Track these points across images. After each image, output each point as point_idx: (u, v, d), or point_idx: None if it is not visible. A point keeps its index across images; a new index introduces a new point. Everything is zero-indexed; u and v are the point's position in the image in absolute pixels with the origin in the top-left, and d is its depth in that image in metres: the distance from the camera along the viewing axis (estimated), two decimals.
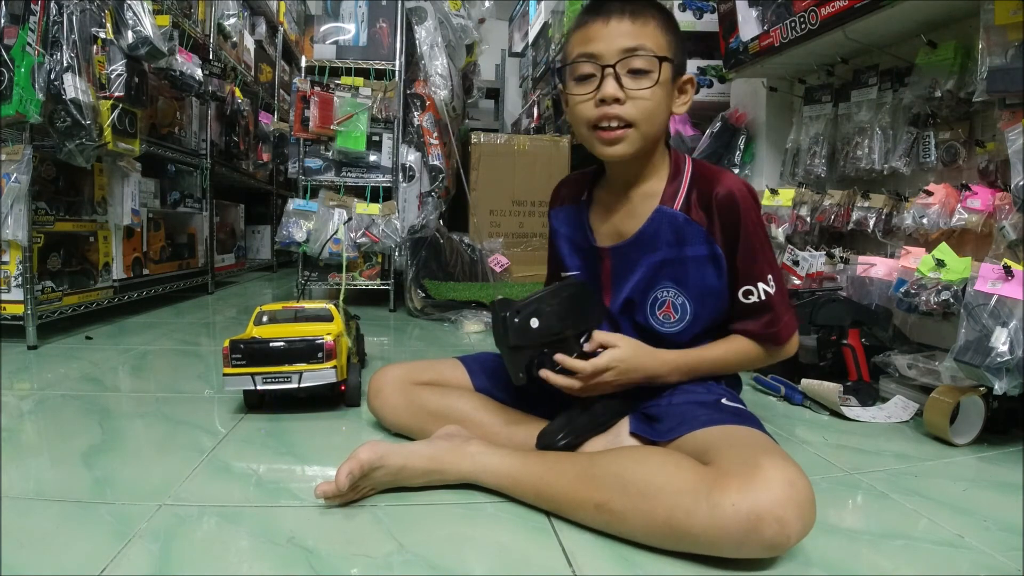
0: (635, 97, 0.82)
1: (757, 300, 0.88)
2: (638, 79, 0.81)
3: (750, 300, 0.88)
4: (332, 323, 1.29)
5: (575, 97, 0.85)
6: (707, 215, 0.88)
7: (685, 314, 0.90)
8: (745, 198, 0.86)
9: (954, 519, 0.82)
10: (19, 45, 1.61)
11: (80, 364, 1.58)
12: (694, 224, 0.88)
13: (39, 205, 1.80)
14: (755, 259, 0.87)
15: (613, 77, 0.81)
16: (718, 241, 0.87)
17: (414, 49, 2.73)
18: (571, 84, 0.85)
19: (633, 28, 0.81)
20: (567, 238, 1.00)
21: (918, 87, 1.41)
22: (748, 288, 0.88)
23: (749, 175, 1.99)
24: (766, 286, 0.87)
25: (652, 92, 0.82)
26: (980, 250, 1.27)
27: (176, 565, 0.68)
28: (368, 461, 0.80)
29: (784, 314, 0.90)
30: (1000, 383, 1.01)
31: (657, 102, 0.83)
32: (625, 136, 0.84)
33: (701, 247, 0.88)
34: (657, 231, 0.89)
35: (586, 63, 0.82)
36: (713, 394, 0.89)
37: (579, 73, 0.83)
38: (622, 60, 0.80)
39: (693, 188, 0.89)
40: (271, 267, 4.30)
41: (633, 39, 0.81)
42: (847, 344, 1.35)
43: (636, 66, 0.81)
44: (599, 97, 0.81)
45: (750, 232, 0.86)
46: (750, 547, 0.64)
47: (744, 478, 0.64)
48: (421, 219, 2.65)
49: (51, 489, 0.86)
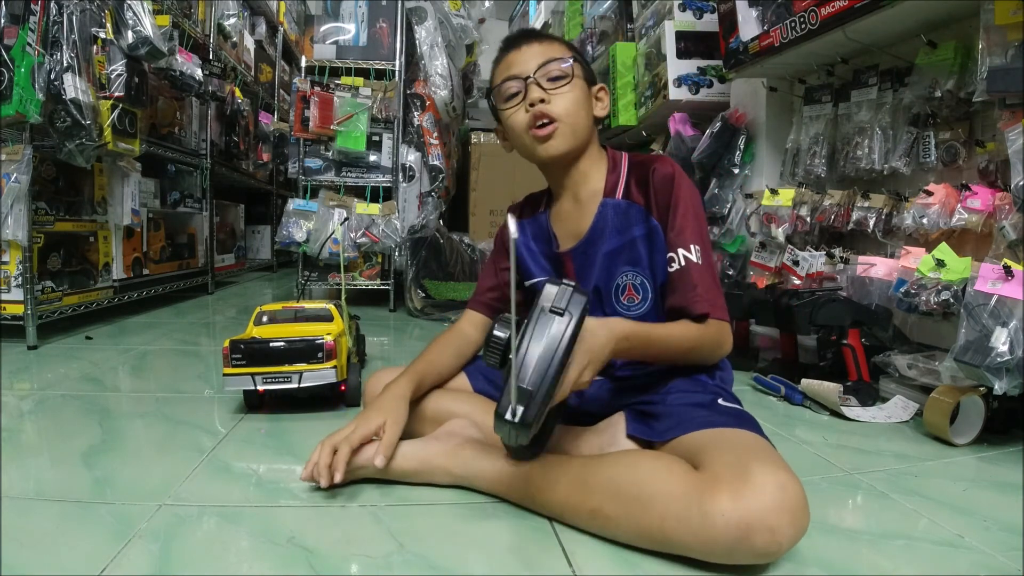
0: (557, 95, 0.93)
1: (677, 267, 0.90)
2: (555, 83, 0.93)
3: (672, 268, 0.91)
4: (332, 323, 1.29)
5: (507, 112, 0.96)
6: (644, 193, 0.94)
7: (647, 293, 0.94)
8: (680, 174, 0.94)
9: (954, 519, 0.82)
10: (19, 45, 1.61)
11: (80, 364, 1.58)
12: (635, 205, 0.95)
13: (39, 205, 1.80)
14: (682, 229, 0.91)
15: (535, 84, 0.93)
16: (654, 215, 0.93)
17: (414, 49, 2.73)
18: (502, 104, 0.97)
19: (542, 47, 0.95)
20: (530, 250, 1.04)
21: (918, 87, 1.41)
22: (671, 255, 0.91)
23: (749, 175, 1.99)
24: (687, 253, 0.90)
25: (570, 88, 0.93)
26: (980, 250, 1.26)
27: (176, 565, 0.68)
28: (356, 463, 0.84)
29: (705, 290, 0.88)
30: (1000, 383, 1.01)
31: (576, 97, 0.94)
32: (556, 130, 0.93)
33: (641, 225, 0.94)
34: (605, 222, 0.95)
35: (511, 83, 0.95)
36: (710, 393, 0.89)
37: (507, 93, 0.96)
38: (539, 70, 0.93)
39: (631, 175, 0.97)
40: (271, 267, 4.31)
41: (544, 54, 0.94)
42: (847, 344, 1.35)
43: (552, 74, 0.93)
44: (527, 102, 0.93)
45: (680, 202, 0.91)
46: (741, 555, 0.65)
47: (735, 485, 0.64)
48: (421, 219, 2.65)
49: (51, 489, 0.86)
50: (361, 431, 0.85)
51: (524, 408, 0.68)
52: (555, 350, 0.69)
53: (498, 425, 0.70)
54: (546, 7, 4.21)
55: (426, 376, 0.99)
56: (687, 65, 2.20)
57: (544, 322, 0.70)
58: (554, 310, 0.71)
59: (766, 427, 0.84)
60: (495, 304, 1.07)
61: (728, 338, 0.92)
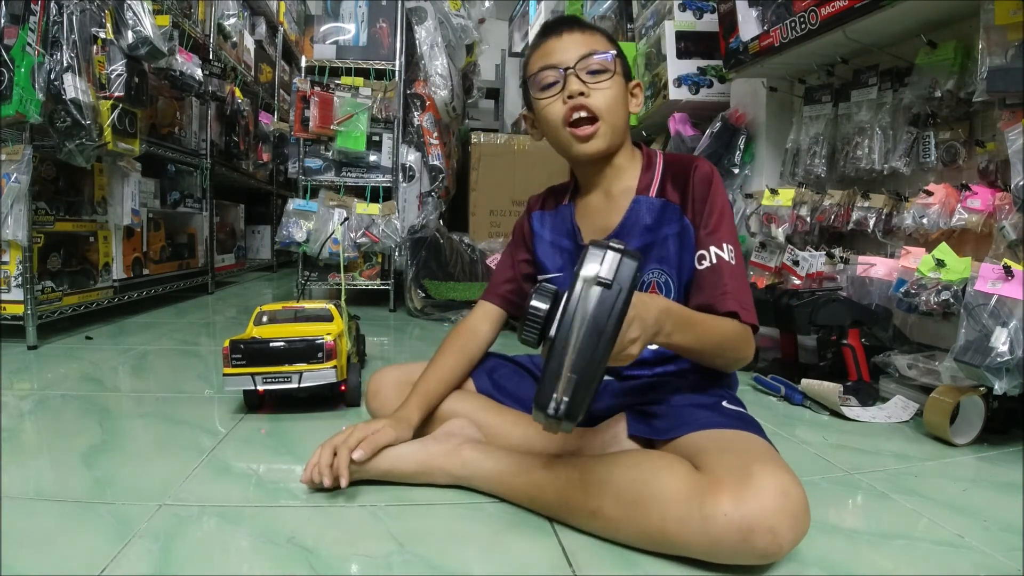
0: (597, 89, 0.89)
1: (708, 264, 0.89)
2: (596, 76, 0.90)
3: (703, 265, 0.89)
4: (332, 323, 1.29)
5: (543, 101, 0.92)
6: (682, 192, 0.92)
7: (670, 292, 0.93)
8: (718, 177, 0.93)
9: (954, 519, 0.82)
10: (19, 45, 1.61)
11: (80, 364, 1.58)
12: (670, 204, 0.93)
13: (39, 205, 1.80)
14: (717, 227, 0.90)
15: (575, 76, 0.89)
16: (688, 214, 0.92)
17: (414, 49, 2.73)
18: (537, 93, 0.93)
19: (584, 38, 0.91)
20: (550, 243, 1.03)
21: (918, 87, 1.41)
22: (702, 253, 0.90)
23: (749, 175, 1.98)
24: (720, 251, 0.89)
25: (611, 84, 0.90)
26: (980, 250, 1.26)
27: (176, 565, 0.68)
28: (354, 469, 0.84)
29: (735, 289, 0.87)
30: (1000, 383, 1.01)
31: (616, 93, 0.91)
32: (596, 131, 0.90)
33: (675, 224, 0.92)
34: (637, 218, 0.94)
35: (549, 72, 0.91)
36: (714, 396, 0.89)
37: (544, 83, 0.92)
38: (580, 62, 0.89)
39: (667, 174, 0.95)
40: (271, 267, 4.30)
41: (586, 46, 0.90)
42: (847, 344, 1.35)
43: (593, 67, 0.90)
44: (566, 94, 0.89)
45: (717, 204, 0.90)
46: (743, 557, 0.65)
47: (736, 487, 0.65)
48: (421, 219, 2.65)
49: (51, 489, 0.86)
50: (358, 434, 0.85)
51: (568, 399, 0.60)
52: (602, 331, 0.60)
53: (538, 416, 0.63)
54: (546, 7, 4.21)
55: (435, 399, 0.98)
56: (687, 65, 2.20)
57: (589, 297, 0.60)
58: (600, 281, 0.60)
59: (766, 427, 0.84)
60: (511, 297, 1.06)
61: (752, 345, 0.88)
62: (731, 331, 0.86)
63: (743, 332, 0.87)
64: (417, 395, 0.96)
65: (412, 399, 0.95)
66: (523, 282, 1.06)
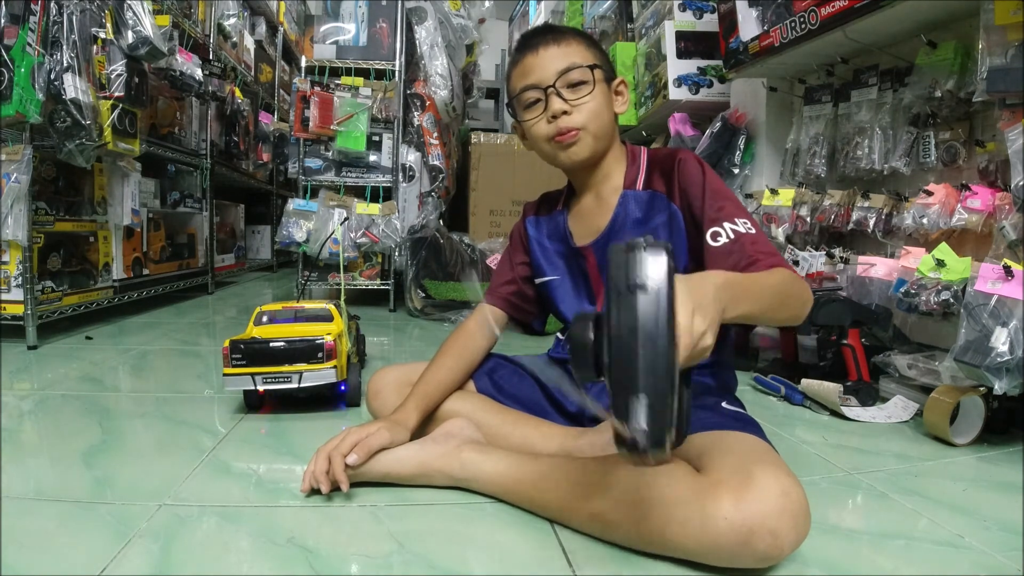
0: (578, 104, 0.91)
1: (726, 240, 0.84)
2: (577, 90, 0.91)
3: (719, 242, 0.84)
4: (332, 323, 1.29)
5: (529, 121, 0.94)
6: (667, 181, 0.93)
7: None
8: (705, 163, 0.92)
9: (954, 519, 0.82)
10: (19, 45, 1.61)
11: (80, 364, 1.58)
12: (657, 194, 0.93)
13: (39, 205, 1.80)
14: (722, 207, 0.86)
15: (556, 95, 0.90)
16: (676, 201, 0.91)
17: (414, 49, 2.73)
18: (522, 113, 0.95)
19: (560, 51, 0.91)
20: (545, 247, 1.04)
21: (918, 87, 1.41)
22: (715, 230, 0.84)
23: (749, 175, 1.98)
24: (734, 225, 0.84)
25: (592, 96, 0.91)
26: (980, 250, 1.26)
27: (176, 565, 0.68)
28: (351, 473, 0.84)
29: (765, 252, 0.82)
30: (1000, 383, 1.01)
31: (598, 104, 0.92)
32: (578, 137, 0.91)
33: (663, 212, 0.92)
34: (626, 214, 0.94)
35: (531, 91, 0.92)
36: (713, 396, 0.89)
37: (527, 101, 0.93)
38: (559, 79, 0.90)
39: (652, 167, 0.95)
40: (271, 267, 4.30)
41: (563, 60, 0.91)
42: (847, 344, 1.35)
43: (572, 80, 0.90)
44: (550, 114, 0.91)
45: (712, 183, 0.88)
46: (743, 559, 0.65)
47: (737, 489, 0.64)
48: (421, 219, 2.65)
49: (51, 489, 0.86)
50: (352, 438, 0.85)
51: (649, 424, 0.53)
52: (655, 339, 0.53)
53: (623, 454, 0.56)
54: (546, 7, 4.21)
55: (434, 400, 0.98)
56: (687, 65, 2.20)
57: (628, 308, 0.54)
58: (632, 287, 0.54)
59: (766, 427, 0.84)
60: (511, 298, 1.07)
61: (807, 285, 0.82)
62: (783, 278, 0.79)
63: (793, 276, 0.80)
64: (415, 396, 0.96)
65: (410, 401, 0.95)
66: (522, 284, 1.07)
